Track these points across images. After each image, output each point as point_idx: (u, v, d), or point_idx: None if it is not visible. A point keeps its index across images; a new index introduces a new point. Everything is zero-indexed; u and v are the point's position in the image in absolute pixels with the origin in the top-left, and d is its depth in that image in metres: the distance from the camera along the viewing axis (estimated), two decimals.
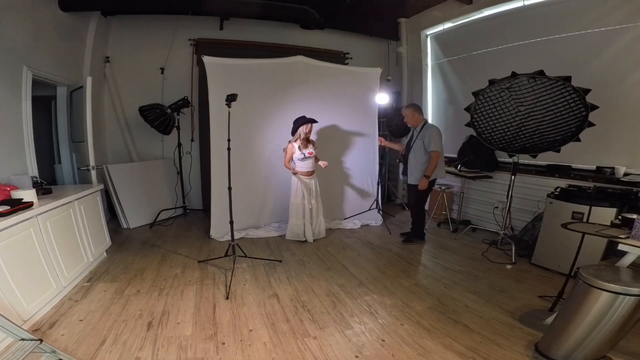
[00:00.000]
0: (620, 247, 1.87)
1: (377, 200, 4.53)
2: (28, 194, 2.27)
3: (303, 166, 3.71)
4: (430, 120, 5.47)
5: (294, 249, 3.63)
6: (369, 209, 4.57)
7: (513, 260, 3.31)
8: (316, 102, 4.19)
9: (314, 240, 3.83)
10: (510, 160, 3.48)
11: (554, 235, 3.04)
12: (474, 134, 3.59)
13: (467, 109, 3.49)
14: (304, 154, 3.66)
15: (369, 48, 5.93)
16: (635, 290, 1.61)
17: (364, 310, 2.43)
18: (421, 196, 3.78)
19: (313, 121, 3.67)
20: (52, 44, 3.43)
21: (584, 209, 2.69)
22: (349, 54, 5.70)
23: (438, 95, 5.33)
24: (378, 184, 4.54)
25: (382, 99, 4.25)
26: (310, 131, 3.67)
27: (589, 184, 3.10)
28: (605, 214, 2.69)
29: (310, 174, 3.76)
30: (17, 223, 2.03)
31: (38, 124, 3.34)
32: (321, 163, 3.78)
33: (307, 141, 3.69)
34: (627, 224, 2.01)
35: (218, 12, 4.68)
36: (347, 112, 4.43)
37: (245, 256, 3.16)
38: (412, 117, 3.78)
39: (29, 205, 2.19)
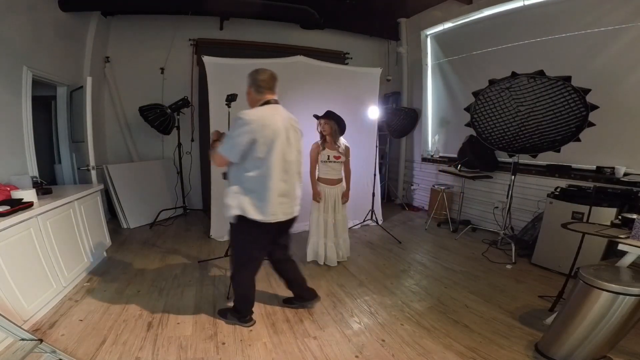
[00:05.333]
0: (620, 247, 1.87)
1: (372, 210, 4.42)
2: (28, 194, 2.27)
3: (325, 172, 3.08)
4: (430, 120, 5.49)
5: (294, 249, 3.58)
6: (364, 221, 4.46)
7: (513, 260, 3.31)
8: (316, 102, 4.16)
9: (338, 262, 3.23)
10: (510, 160, 3.48)
11: (554, 235, 3.04)
12: (474, 134, 3.59)
13: (467, 109, 3.49)
14: (327, 156, 3.04)
15: (369, 48, 5.93)
16: (635, 290, 1.61)
17: (364, 310, 2.43)
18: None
19: (316, 117, 3.17)
20: (52, 44, 3.43)
21: (584, 209, 2.69)
22: (349, 54, 5.70)
23: (438, 95, 5.33)
24: (373, 195, 4.41)
25: (374, 112, 4.22)
26: (325, 128, 3.04)
27: (589, 184, 3.10)
28: (605, 214, 2.69)
29: (334, 182, 3.10)
30: (17, 223, 2.02)
31: (38, 124, 3.34)
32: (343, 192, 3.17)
33: (330, 141, 3.04)
34: (627, 224, 2.01)
35: (218, 12, 4.68)
36: (347, 112, 4.40)
37: None
38: None
39: (28, 205, 2.19)
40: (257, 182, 1.87)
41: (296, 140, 2.01)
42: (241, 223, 1.92)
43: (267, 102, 1.94)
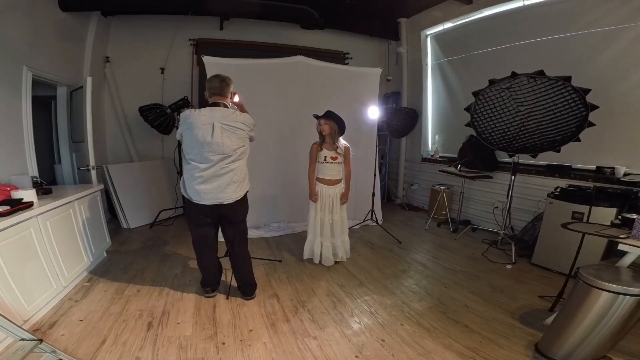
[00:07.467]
0: (620, 247, 1.87)
1: (372, 210, 4.42)
2: (28, 194, 2.27)
3: (323, 172, 3.10)
4: (430, 120, 5.50)
5: (294, 249, 3.62)
6: (364, 221, 4.46)
7: (513, 260, 3.31)
8: (316, 103, 4.16)
9: (335, 262, 3.24)
10: (510, 160, 3.48)
11: (554, 235, 3.04)
12: (474, 134, 3.59)
13: (467, 109, 3.49)
14: (325, 157, 3.06)
15: (369, 48, 5.93)
16: (635, 290, 1.61)
17: (364, 310, 2.43)
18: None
19: (316, 117, 3.13)
20: (52, 44, 3.43)
21: (584, 209, 2.69)
22: (349, 54, 5.70)
23: (438, 95, 5.33)
24: (373, 195, 4.39)
25: (374, 112, 4.21)
26: (324, 128, 3.02)
27: (589, 184, 3.10)
28: (605, 214, 2.69)
29: (332, 182, 3.11)
30: (17, 223, 2.02)
31: (38, 124, 3.34)
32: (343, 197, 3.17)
33: (329, 142, 3.06)
34: (627, 224, 2.01)
35: (218, 12, 4.69)
36: (347, 112, 4.39)
37: None
38: None
39: (29, 205, 2.19)
40: (185, 166, 2.30)
41: (229, 136, 2.22)
42: (186, 199, 2.37)
43: (212, 104, 2.27)
